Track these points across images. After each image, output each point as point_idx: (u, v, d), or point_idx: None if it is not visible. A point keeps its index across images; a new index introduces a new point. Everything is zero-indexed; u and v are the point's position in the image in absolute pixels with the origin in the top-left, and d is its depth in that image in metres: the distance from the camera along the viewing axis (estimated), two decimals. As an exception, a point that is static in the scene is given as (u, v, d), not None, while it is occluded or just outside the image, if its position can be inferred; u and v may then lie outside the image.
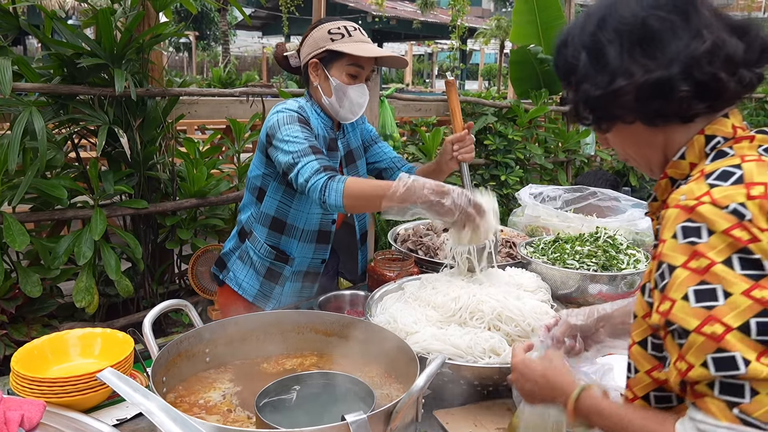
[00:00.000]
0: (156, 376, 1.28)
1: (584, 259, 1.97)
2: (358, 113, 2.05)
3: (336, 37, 1.96)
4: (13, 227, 2.68)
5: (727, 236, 0.84)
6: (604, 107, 1.03)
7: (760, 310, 0.81)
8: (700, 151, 0.99)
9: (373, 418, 1.09)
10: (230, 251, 2.22)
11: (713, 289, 0.83)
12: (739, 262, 0.83)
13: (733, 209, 0.85)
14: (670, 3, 0.98)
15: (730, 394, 0.82)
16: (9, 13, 2.93)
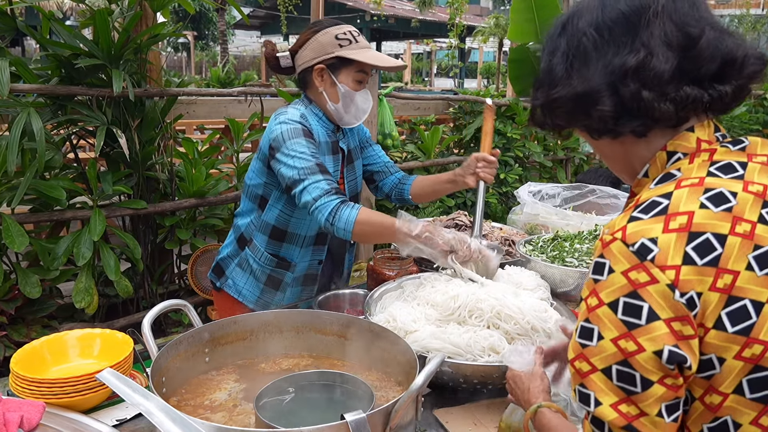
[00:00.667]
0: (155, 377, 1.28)
1: (583, 257, 1.97)
2: (362, 119, 2.06)
3: (344, 44, 1.95)
4: (12, 228, 2.68)
5: (624, 277, 0.84)
6: (547, 114, 1.04)
7: (621, 359, 0.84)
8: (662, 167, 0.96)
9: (373, 417, 1.10)
10: (228, 258, 2.18)
11: (592, 329, 0.87)
12: (623, 307, 0.84)
13: (639, 247, 0.84)
14: (620, 17, 0.94)
15: (594, 424, 0.88)
16: (6, 14, 2.92)
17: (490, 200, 4.88)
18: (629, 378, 0.83)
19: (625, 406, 0.84)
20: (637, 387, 0.83)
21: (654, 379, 0.82)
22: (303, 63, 2.00)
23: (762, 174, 0.88)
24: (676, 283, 0.81)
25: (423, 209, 4.47)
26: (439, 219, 2.47)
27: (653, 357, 0.82)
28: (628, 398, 0.84)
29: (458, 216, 2.44)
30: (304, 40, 2.00)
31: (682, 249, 0.82)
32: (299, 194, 1.85)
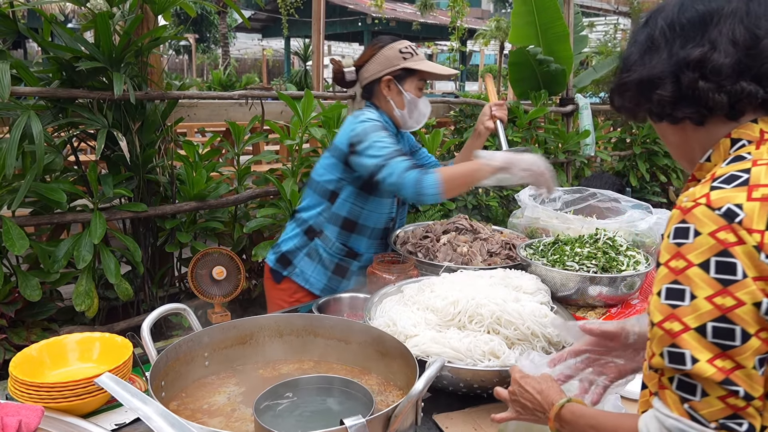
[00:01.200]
0: (154, 381, 1.27)
1: (584, 261, 1.96)
2: (422, 122, 2.35)
3: (407, 56, 2.24)
4: (12, 231, 2.68)
5: (712, 238, 0.87)
6: (618, 97, 1.14)
7: (718, 316, 0.86)
8: (725, 153, 1.02)
9: (372, 422, 1.09)
10: (296, 249, 2.36)
11: (683, 290, 0.89)
12: (715, 266, 0.87)
13: (726, 210, 0.88)
14: (694, 16, 1.03)
15: (684, 390, 0.89)
16: (7, 17, 2.93)
17: (491, 204, 4.87)
18: (727, 333, 0.86)
19: (720, 361, 0.86)
20: (736, 341, 0.85)
21: (751, 331, 0.85)
22: (370, 75, 2.27)
23: None
24: (761, 245, 0.86)
25: (423, 212, 4.47)
26: (440, 222, 2.46)
27: (753, 309, 0.85)
28: (724, 353, 0.86)
29: (458, 219, 2.43)
30: (369, 56, 2.27)
31: (765, 216, 0.87)
32: (385, 178, 2.06)
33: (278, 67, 26.60)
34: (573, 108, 5.91)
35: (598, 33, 12.28)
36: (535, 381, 1.24)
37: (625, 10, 10.11)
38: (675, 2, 1.07)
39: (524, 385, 1.24)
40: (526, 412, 1.24)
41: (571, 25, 5.91)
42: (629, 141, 6.52)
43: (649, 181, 6.56)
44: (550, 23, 5.66)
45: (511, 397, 1.27)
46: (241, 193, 3.68)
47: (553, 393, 1.20)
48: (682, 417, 0.89)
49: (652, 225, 2.24)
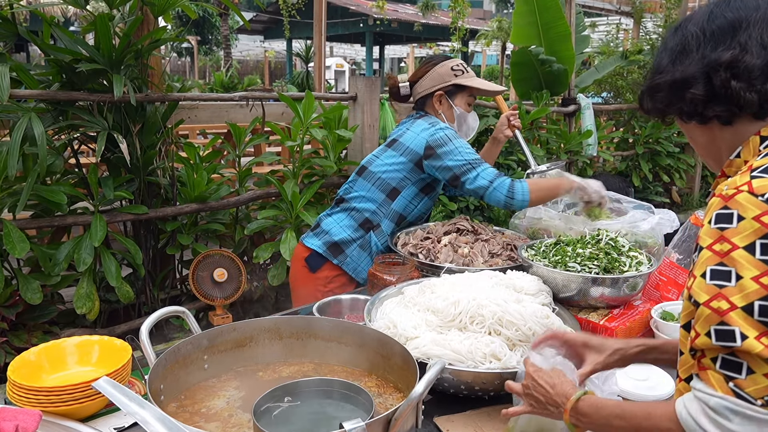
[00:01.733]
0: (153, 384, 1.26)
1: (586, 262, 1.95)
2: (471, 135, 2.56)
3: (458, 73, 2.44)
4: (13, 234, 2.68)
5: (756, 222, 0.91)
6: (649, 98, 1.19)
7: (765, 294, 0.89)
8: (755, 149, 1.06)
9: (372, 425, 1.08)
10: (351, 240, 2.46)
11: (729, 271, 0.92)
12: (761, 248, 0.90)
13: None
14: (724, 22, 1.08)
15: (728, 369, 0.92)
16: (7, 20, 2.93)
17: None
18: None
19: (766, 339, 0.89)
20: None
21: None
22: (423, 90, 2.48)
23: None
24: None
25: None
26: (441, 223, 2.45)
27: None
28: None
29: (459, 221, 2.42)
30: (423, 72, 2.48)
31: None
32: (472, 180, 2.29)
33: (280, 68, 26.65)
34: (575, 108, 5.90)
35: (600, 33, 12.26)
36: (548, 375, 1.25)
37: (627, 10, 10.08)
38: (704, 11, 1.12)
39: (537, 378, 1.25)
40: (539, 406, 1.25)
41: (573, 25, 5.89)
42: (632, 141, 6.50)
43: (651, 181, 6.53)
44: (552, 23, 5.65)
45: (524, 390, 1.28)
46: (242, 194, 3.68)
47: (567, 386, 1.21)
48: (727, 395, 0.91)
49: (654, 225, 2.23)
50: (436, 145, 2.32)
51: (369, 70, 22.33)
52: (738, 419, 0.90)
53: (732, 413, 0.90)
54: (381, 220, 2.44)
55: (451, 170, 2.31)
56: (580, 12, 6.90)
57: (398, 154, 2.41)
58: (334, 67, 24.85)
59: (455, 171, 2.31)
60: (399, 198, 2.43)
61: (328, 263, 2.45)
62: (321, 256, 2.46)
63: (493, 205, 2.32)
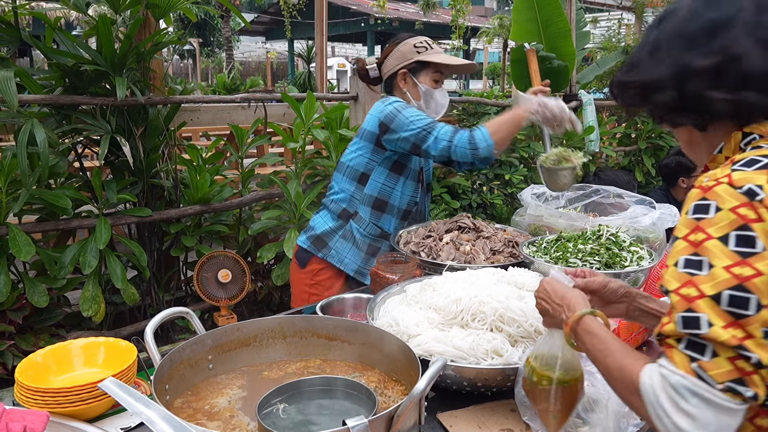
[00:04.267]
0: (158, 385, 1.28)
1: (587, 258, 1.96)
2: (441, 113, 2.46)
3: (421, 50, 2.39)
4: (19, 238, 2.70)
5: (733, 213, 0.91)
6: (619, 92, 1.17)
7: (735, 285, 0.89)
8: (736, 145, 1.05)
9: (375, 422, 1.09)
10: (332, 231, 2.47)
11: (701, 261, 0.92)
12: (735, 239, 0.90)
13: (747, 189, 0.92)
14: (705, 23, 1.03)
15: (693, 350, 0.92)
16: (11, 25, 2.95)
17: (495, 202, 4.86)
18: (742, 302, 0.88)
19: (732, 329, 0.88)
20: (750, 310, 0.88)
21: (764, 302, 0.88)
22: (388, 70, 2.45)
23: None
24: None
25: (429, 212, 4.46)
26: (443, 221, 2.46)
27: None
28: (736, 322, 0.88)
29: (461, 218, 2.43)
30: (388, 52, 2.45)
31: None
32: (432, 145, 2.22)
33: (283, 69, 26.66)
34: (576, 104, 5.89)
35: (601, 28, 12.24)
36: (562, 288, 1.26)
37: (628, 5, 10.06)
38: (688, 7, 1.08)
39: (549, 289, 1.27)
40: (546, 317, 1.27)
41: (573, 21, 5.89)
42: (634, 136, 6.49)
43: (654, 176, 6.53)
44: (552, 19, 5.64)
45: (536, 297, 1.30)
46: (245, 195, 3.69)
47: (579, 302, 1.20)
48: (688, 375, 0.91)
49: (655, 220, 2.23)
50: (387, 120, 2.30)
51: (371, 69, 22.30)
52: (695, 401, 0.90)
53: (691, 394, 0.90)
54: (357, 207, 2.45)
55: (409, 141, 2.27)
56: (581, 8, 6.89)
57: (359, 139, 2.43)
58: (336, 67, 24.85)
59: (413, 140, 2.26)
60: (370, 182, 2.42)
61: (314, 257, 2.49)
62: (306, 251, 2.51)
63: (462, 160, 2.26)
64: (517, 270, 1.90)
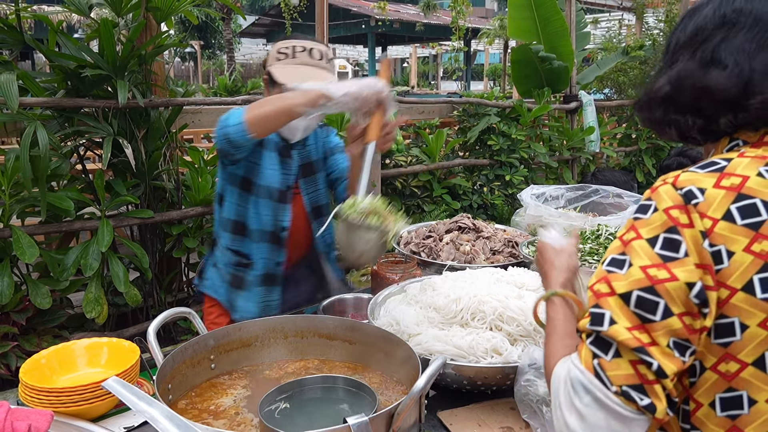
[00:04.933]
0: (161, 384, 1.29)
1: (586, 257, 1.97)
2: (297, 136, 2.05)
3: (281, 57, 1.96)
4: (22, 240, 2.71)
5: (665, 214, 0.87)
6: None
7: (645, 286, 0.85)
8: (722, 150, 1.00)
9: (375, 420, 1.10)
10: (207, 260, 2.26)
11: (623, 260, 0.89)
12: (662, 242, 0.86)
13: (686, 191, 0.88)
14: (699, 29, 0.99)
15: (597, 347, 0.88)
16: (13, 28, 2.96)
17: (496, 202, 4.88)
18: (650, 305, 0.84)
19: (636, 332, 0.84)
20: (657, 315, 0.84)
21: (675, 311, 0.83)
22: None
23: None
24: (709, 233, 0.85)
25: (429, 212, 4.48)
26: (443, 222, 2.47)
27: (683, 287, 0.83)
28: (642, 326, 0.84)
29: (461, 219, 2.44)
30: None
31: (726, 206, 0.85)
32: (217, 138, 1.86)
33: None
34: (577, 105, 5.91)
35: (602, 29, 12.25)
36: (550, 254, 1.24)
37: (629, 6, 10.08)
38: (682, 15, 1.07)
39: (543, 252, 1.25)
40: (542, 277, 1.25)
41: (573, 21, 5.91)
42: (635, 137, 6.50)
43: (655, 177, 6.53)
44: (549, 18, 5.67)
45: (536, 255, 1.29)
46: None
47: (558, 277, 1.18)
48: (587, 371, 0.88)
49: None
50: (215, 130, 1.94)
51: (372, 71, 22.36)
52: (587, 399, 0.86)
53: (584, 391, 0.87)
54: (219, 233, 2.16)
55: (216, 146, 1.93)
56: (581, 9, 6.90)
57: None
58: (336, 69, 24.89)
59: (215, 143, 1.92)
60: (225, 204, 2.10)
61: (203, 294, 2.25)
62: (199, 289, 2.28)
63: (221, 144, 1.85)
64: (516, 270, 1.92)
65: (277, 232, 2.08)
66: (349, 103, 1.62)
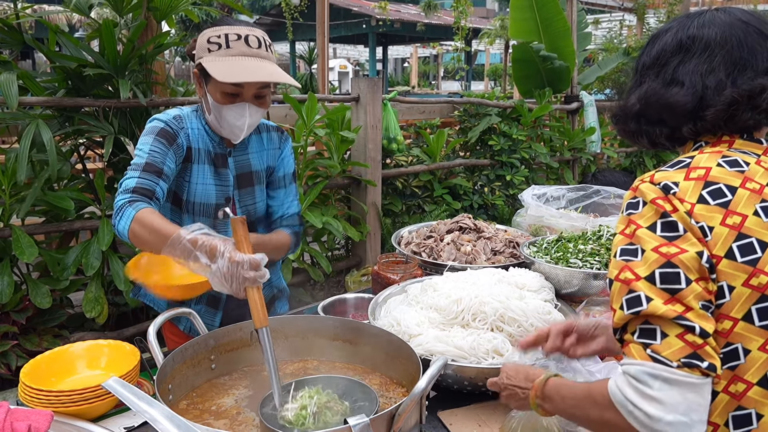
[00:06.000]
0: (161, 384, 1.29)
1: (587, 258, 1.97)
2: (239, 136, 1.77)
3: (213, 48, 1.67)
4: (21, 240, 2.71)
5: (653, 204, 1.01)
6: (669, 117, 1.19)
7: (663, 262, 0.96)
8: (688, 151, 1.14)
9: (376, 421, 1.10)
10: None
11: (635, 248, 1.00)
12: (661, 226, 0.99)
13: (663, 186, 1.02)
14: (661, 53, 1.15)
15: (645, 337, 0.96)
16: (13, 28, 2.96)
17: (496, 202, 4.87)
18: (673, 277, 0.95)
19: (670, 305, 0.94)
20: (682, 284, 0.95)
21: (692, 277, 0.95)
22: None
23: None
24: (691, 212, 0.99)
25: (430, 212, 4.47)
26: (444, 222, 2.47)
27: (695, 256, 0.95)
28: (673, 298, 0.95)
29: (462, 219, 2.44)
30: (194, 41, 1.76)
31: (698, 192, 1.00)
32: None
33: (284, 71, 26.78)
34: (578, 105, 5.90)
35: (603, 30, 12.25)
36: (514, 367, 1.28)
37: (630, 7, 10.07)
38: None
39: (512, 373, 1.27)
40: (515, 401, 1.25)
41: (574, 22, 5.91)
42: (635, 137, 6.49)
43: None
44: (551, 19, 5.66)
45: (500, 389, 1.29)
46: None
47: (534, 372, 1.23)
48: (645, 361, 0.94)
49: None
50: None
51: (372, 71, 22.33)
52: (658, 384, 0.92)
53: (652, 378, 0.92)
54: None
55: None
56: (582, 9, 6.90)
57: None
58: (337, 69, 24.86)
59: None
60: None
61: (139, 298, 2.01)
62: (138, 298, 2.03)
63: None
64: (518, 270, 1.92)
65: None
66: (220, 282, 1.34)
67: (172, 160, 1.72)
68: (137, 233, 1.53)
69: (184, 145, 1.77)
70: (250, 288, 1.34)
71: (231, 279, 1.32)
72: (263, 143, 1.93)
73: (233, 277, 1.32)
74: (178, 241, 1.37)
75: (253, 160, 1.90)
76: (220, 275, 1.32)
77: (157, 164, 1.67)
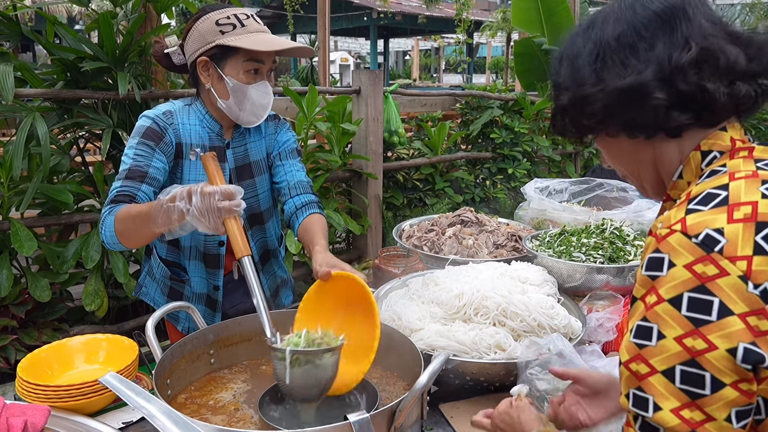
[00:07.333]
0: (160, 379, 1.28)
1: (591, 252, 1.95)
2: (263, 116, 1.78)
3: (226, 29, 1.68)
4: (21, 233, 2.70)
5: (687, 271, 0.78)
6: (573, 116, 0.99)
7: (687, 359, 0.77)
8: (697, 168, 0.93)
9: (376, 416, 1.09)
10: (143, 267, 2.05)
11: (650, 328, 0.80)
12: (688, 302, 0.78)
13: (704, 238, 0.78)
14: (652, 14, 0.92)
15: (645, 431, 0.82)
16: (11, 20, 2.94)
17: (498, 196, 4.85)
18: (696, 379, 0.77)
19: (688, 411, 0.77)
20: (706, 389, 0.77)
21: (726, 381, 0.76)
22: (188, 57, 1.77)
23: None
24: (749, 274, 0.75)
25: (431, 206, 4.46)
26: (445, 215, 2.45)
27: (726, 356, 0.75)
28: (693, 402, 0.77)
29: (464, 212, 2.42)
30: (186, 31, 1.76)
31: (752, 239, 0.77)
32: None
33: (285, 63, 26.65)
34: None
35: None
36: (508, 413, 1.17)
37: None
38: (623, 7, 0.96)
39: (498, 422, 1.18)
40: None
41: (577, 14, 5.88)
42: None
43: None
44: (554, 9, 5.63)
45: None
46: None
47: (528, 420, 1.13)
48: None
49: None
50: None
51: (374, 63, 22.29)
52: None
53: None
54: (155, 242, 1.91)
55: None
56: (585, 2, 6.86)
57: None
58: (338, 62, 24.81)
59: None
60: None
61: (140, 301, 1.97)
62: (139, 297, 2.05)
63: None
64: (520, 264, 1.90)
65: (213, 251, 1.86)
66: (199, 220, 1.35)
67: (159, 160, 1.71)
68: (122, 230, 1.54)
69: (173, 141, 1.75)
70: (227, 219, 1.36)
71: (207, 213, 1.34)
72: (261, 132, 1.92)
73: (209, 210, 1.33)
74: (159, 207, 1.38)
75: (251, 150, 1.89)
76: (197, 213, 1.33)
77: (141, 168, 1.67)
